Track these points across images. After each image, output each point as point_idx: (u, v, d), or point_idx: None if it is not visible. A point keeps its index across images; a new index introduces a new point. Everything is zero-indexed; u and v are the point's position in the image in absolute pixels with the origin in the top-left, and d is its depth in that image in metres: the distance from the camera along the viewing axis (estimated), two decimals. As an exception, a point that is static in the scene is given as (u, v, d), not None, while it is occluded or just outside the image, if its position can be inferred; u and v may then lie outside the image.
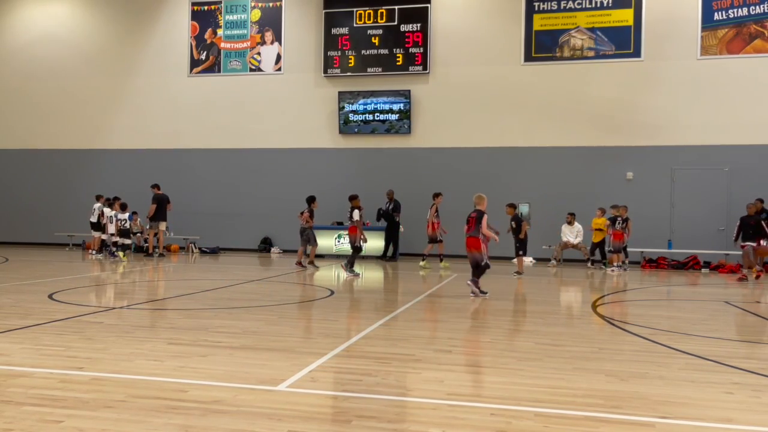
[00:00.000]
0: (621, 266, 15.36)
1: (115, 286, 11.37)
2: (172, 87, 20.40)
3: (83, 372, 4.92)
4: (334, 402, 4.38)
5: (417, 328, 7.16)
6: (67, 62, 21.07)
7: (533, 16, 18.13)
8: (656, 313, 9.21)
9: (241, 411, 4.06)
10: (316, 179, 19.04)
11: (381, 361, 5.47)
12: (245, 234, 19.63)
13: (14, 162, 21.44)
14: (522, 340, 6.63)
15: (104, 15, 20.97)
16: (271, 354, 5.69)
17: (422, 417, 4.04)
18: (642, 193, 17.20)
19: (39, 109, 21.27)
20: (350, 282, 12.20)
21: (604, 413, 4.12)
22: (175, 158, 20.18)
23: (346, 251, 17.64)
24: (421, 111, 18.79)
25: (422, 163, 18.70)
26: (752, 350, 6.48)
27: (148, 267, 14.58)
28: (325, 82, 19.35)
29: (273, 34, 19.83)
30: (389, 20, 18.84)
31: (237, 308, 8.43)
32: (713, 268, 15.88)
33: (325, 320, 7.71)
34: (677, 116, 17.20)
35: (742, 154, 16.72)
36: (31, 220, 21.06)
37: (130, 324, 7.15)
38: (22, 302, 8.55)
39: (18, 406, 4.09)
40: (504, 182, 18.10)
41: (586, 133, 17.74)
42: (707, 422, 3.99)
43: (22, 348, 5.74)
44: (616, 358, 5.79)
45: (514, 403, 4.31)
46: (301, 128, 19.45)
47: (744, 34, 16.96)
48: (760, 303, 10.25)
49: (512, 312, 8.88)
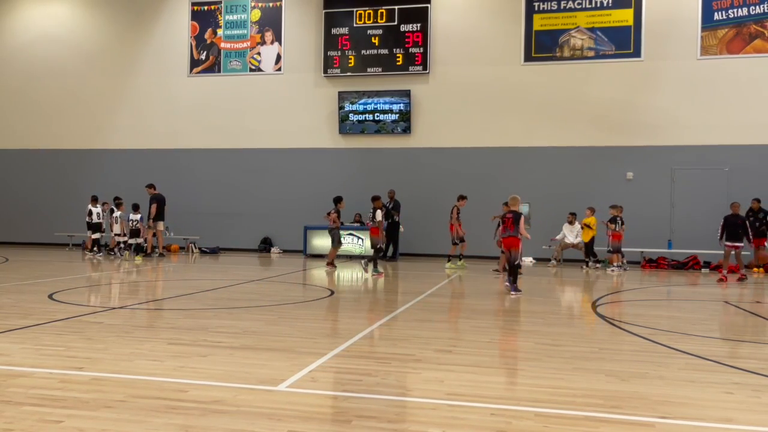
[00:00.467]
0: (621, 266, 15.37)
1: (115, 286, 11.37)
2: (172, 87, 20.40)
3: (83, 372, 4.92)
4: (334, 402, 4.38)
5: (417, 328, 7.16)
6: (67, 62, 21.07)
7: (533, 16, 18.13)
8: (656, 313, 9.22)
9: (241, 411, 4.06)
10: (316, 179, 19.05)
11: (381, 361, 5.47)
12: (245, 234, 19.63)
13: (14, 162, 21.43)
14: (522, 340, 6.63)
15: (104, 15, 20.97)
16: (271, 354, 5.69)
17: (422, 417, 4.04)
18: (642, 193, 17.20)
19: (39, 109, 21.26)
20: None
21: (604, 413, 4.12)
22: (175, 158, 20.18)
23: (347, 251, 17.68)
24: (421, 111, 18.79)
25: (422, 163, 18.70)
26: (752, 350, 6.48)
27: (148, 267, 14.58)
28: (325, 82, 19.35)
29: (273, 34, 19.83)
30: (389, 20, 18.84)
31: (237, 308, 8.43)
32: (713, 268, 15.87)
33: (325, 320, 7.71)
34: (677, 116, 17.20)
35: (741, 154, 16.72)
36: (31, 220, 21.06)
37: (130, 324, 7.16)
38: (22, 302, 8.56)
39: (18, 406, 4.09)
40: (504, 182, 18.08)
41: (586, 133, 17.74)
42: (707, 422, 3.99)
43: (22, 348, 5.74)
44: (616, 358, 5.79)
45: (514, 403, 4.31)
46: (301, 128, 19.45)
47: (744, 34, 16.96)
48: (760, 303, 10.24)
49: (512, 312, 8.88)
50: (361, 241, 17.65)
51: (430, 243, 18.43)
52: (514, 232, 10.38)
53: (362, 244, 17.64)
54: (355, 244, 17.69)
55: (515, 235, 10.38)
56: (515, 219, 10.37)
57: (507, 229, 10.49)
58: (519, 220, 10.33)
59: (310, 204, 18.84)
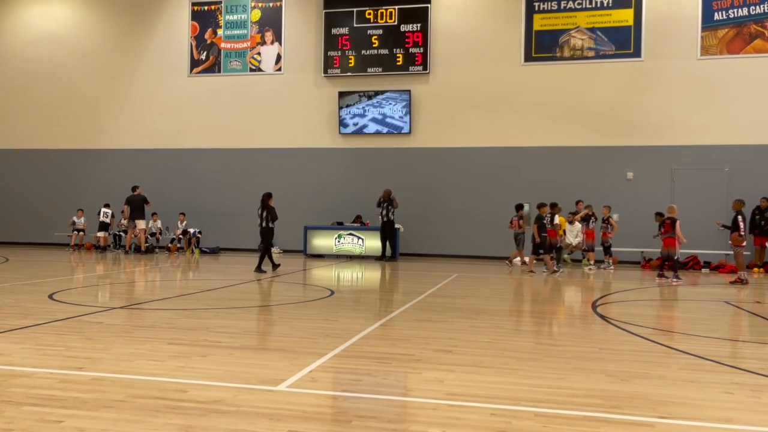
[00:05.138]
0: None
1: (115, 286, 11.37)
2: (172, 87, 20.40)
3: (83, 372, 4.92)
4: (334, 402, 4.38)
5: (417, 328, 7.16)
6: (67, 62, 21.07)
7: (533, 16, 18.13)
8: (656, 313, 9.22)
9: (241, 411, 4.06)
10: (316, 179, 19.06)
11: (381, 361, 5.47)
12: (245, 234, 19.61)
13: (14, 162, 21.43)
14: (522, 340, 6.63)
15: (104, 15, 20.98)
16: (271, 354, 5.69)
17: (422, 417, 4.04)
18: (642, 193, 17.20)
19: (39, 109, 21.27)
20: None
21: (604, 413, 4.12)
22: (175, 158, 20.18)
23: (346, 251, 17.68)
24: (421, 111, 18.79)
25: (422, 163, 18.70)
26: (752, 350, 6.48)
27: (148, 267, 14.58)
28: (325, 82, 19.35)
29: (273, 34, 19.83)
30: (389, 20, 18.85)
31: (237, 308, 8.43)
32: (713, 268, 15.88)
33: (325, 320, 7.71)
34: (677, 116, 17.20)
35: (742, 154, 16.72)
36: (31, 220, 21.06)
37: (130, 324, 7.16)
38: (22, 302, 8.56)
39: (18, 406, 4.09)
40: (504, 182, 18.11)
41: (586, 133, 17.75)
42: (707, 422, 3.99)
43: (22, 348, 5.74)
44: (616, 358, 5.79)
45: (514, 403, 4.31)
46: (301, 128, 19.45)
47: (744, 34, 16.96)
48: (760, 303, 10.24)
49: (512, 312, 8.88)
50: (361, 241, 17.64)
51: (430, 243, 18.45)
52: (672, 234, 12.94)
53: (362, 244, 17.64)
54: (355, 244, 17.68)
55: (672, 237, 12.93)
56: (672, 223, 12.98)
57: (666, 232, 13.05)
58: (675, 225, 12.93)
59: (310, 204, 18.86)
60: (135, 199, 18.18)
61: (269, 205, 13.74)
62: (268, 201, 13.78)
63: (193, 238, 18.82)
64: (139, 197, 18.24)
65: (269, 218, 13.69)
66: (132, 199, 18.20)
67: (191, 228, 19.03)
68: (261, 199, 13.88)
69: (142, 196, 18.29)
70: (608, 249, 15.72)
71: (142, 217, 18.17)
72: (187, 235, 18.96)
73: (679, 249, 13.30)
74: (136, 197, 18.22)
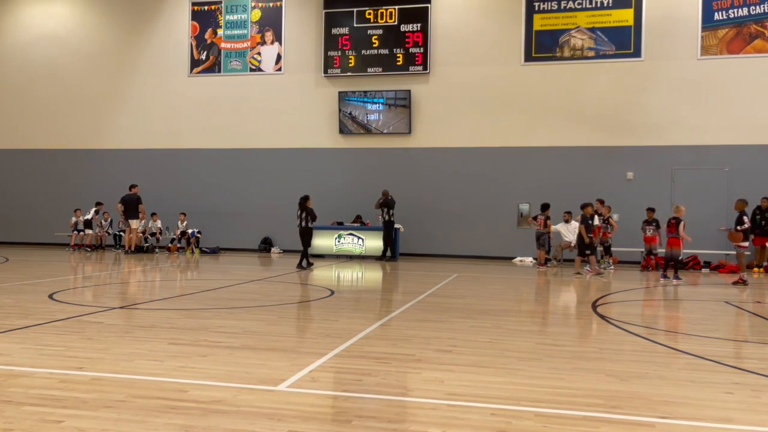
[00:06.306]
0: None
1: (115, 286, 11.37)
2: (172, 87, 20.39)
3: (83, 372, 4.92)
4: (334, 402, 4.38)
5: (417, 328, 7.16)
6: (67, 62, 21.07)
7: (533, 16, 18.13)
8: (656, 313, 9.22)
9: (241, 411, 4.06)
10: (316, 179, 19.04)
11: (381, 361, 5.47)
12: (245, 234, 19.62)
13: (14, 162, 21.43)
14: (522, 340, 6.63)
15: (104, 15, 20.97)
16: (271, 354, 5.69)
17: (422, 417, 4.04)
18: (642, 193, 17.19)
19: (39, 109, 21.26)
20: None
21: (604, 413, 4.12)
22: (175, 158, 20.18)
23: (346, 251, 17.68)
24: (421, 111, 18.78)
25: (422, 163, 18.70)
26: (752, 350, 6.48)
27: (148, 267, 14.59)
28: (325, 82, 19.34)
29: (273, 34, 19.83)
30: (389, 20, 18.85)
31: (237, 308, 8.43)
32: (713, 268, 15.88)
33: (325, 320, 7.71)
34: (677, 116, 17.20)
35: (742, 154, 16.71)
36: (31, 220, 21.05)
37: (130, 324, 7.16)
38: (22, 302, 8.56)
39: (18, 406, 4.09)
40: (504, 182, 18.11)
41: (586, 133, 17.74)
42: (707, 422, 3.99)
43: (22, 348, 5.74)
44: (616, 358, 5.79)
45: (514, 403, 4.31)
46: (301, 128, 19.45)
47: (744, 34, 16.96)
48: (760, 303, 10.24)
49: (512, 312, 8.88)
50: (361, 241, 17.65)
51: (430, 243, 18.45)
52: (676, 234, 12.95)
53: (362, 244, 17.64)
54: (355, 244, 17.68)
55: (677, 237, 12.93)
56: (677, 223, 12.93)
57: (671, 232, 13.06)
58: (679, 225, 12.90)
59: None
60: (130, 199, 18.08)
61: (308, 207, 14.65)
62: (306, 203, 14.69)
63: (192, 238, 18.83)
64: (134, 197, 18.16)
65: (308, 219, 14.59)
66: (127, 198, 18.11)
67: (191, 228, 19.04)
68: (299, 202, 14.78)
69: (137, 195, 18.21)
70: (608, 249, 15.71)
71: (135, 216, 18.12)
72: (186, 235, 18.97)
73: (683, 249, 13.40)
74: (131, 196, 18.14)
